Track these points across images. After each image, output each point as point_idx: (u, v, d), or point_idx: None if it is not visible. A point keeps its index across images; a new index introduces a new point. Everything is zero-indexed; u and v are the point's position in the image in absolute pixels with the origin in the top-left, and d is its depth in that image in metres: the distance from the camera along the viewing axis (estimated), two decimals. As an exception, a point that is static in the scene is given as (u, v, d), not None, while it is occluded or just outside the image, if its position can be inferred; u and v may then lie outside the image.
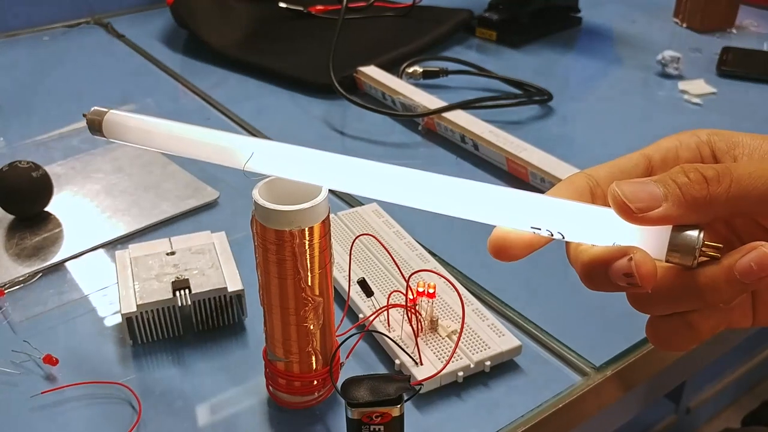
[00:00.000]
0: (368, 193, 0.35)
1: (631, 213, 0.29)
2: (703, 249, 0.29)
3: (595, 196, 0.33)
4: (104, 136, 0.42)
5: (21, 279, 0.56)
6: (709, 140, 0.34)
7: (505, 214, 0.32)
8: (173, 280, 0.50)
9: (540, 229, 0.31)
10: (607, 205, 0.31)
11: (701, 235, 0.29)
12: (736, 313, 0.33)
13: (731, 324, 0.32)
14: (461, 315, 0.48)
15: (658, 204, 0.29)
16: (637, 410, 0.54)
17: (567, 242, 0.33)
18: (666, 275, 0.30)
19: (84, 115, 0.43)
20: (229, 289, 0.50)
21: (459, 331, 0.47)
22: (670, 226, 0.30)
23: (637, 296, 0.32)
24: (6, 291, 0.54)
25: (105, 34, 1.08)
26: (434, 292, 0.47)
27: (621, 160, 0.35)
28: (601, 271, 0.30)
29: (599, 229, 0.31)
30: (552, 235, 0.31)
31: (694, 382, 1.18)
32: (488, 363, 0.47)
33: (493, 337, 0.48)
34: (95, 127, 0.42)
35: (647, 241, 0.30)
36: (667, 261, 0.30)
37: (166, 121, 0.40)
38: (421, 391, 0.45)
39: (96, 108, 0.41)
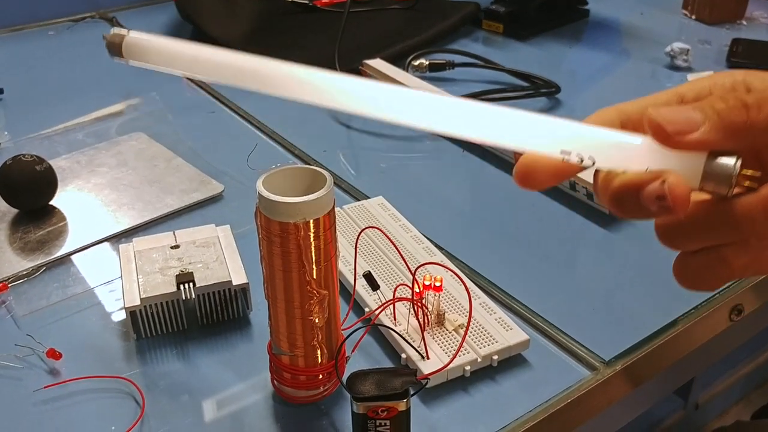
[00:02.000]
0: (403, 119, 0.33)
1: (667, 136, 0.28)
2: (739, 178, 0.28)
3: (626, 129, 0.32)
4: (124, 58, 0.41)
5: (25, 273, 0.55)
6: (745, 79, 0.33)
7: (534, 137, 0.30)
8: (177, 273, 0.49)
9: (570, 153, 0.30)
10: None
11: (738, 162, 0.28)
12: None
13: (762, 266, 0.31)
14: (468, 308, 0.47)
15: (695, 128, 0.28)
16: (646, 406, 0.53)
17: (596, 173, 0.31)
18: (699, 205, 0.29)
19: (104, 37, 0.41)
20: (234, 283, 0.49)
21: (466, 324, 0.47)
22: (705, 154, 0.29)
23: (667, 229, 0.31)
24: (10, 285, 0.54)
25: (110, 28, 1.07)
26: (441, 285, 0.47)
27: (652, 96, 0.33)
28: (633, 196, 0.29)
29: (632, 156, 0.29)
30: (582, 161, 0.30)
31: (703, 377, 1.17)
32: (496, 357, 0.46)
33: (501, 331, 0.47)
34: (115, 48, 0.40)
35: (681, 168, 0.29)
36: (701, 189, 0.29)
37: (190, 44, 0.39)
38: (427, 386, 0.44)
39: (116, 29, 0.40)
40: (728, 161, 0.28)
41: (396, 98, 0.33)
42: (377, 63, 0.86)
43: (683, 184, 0.28)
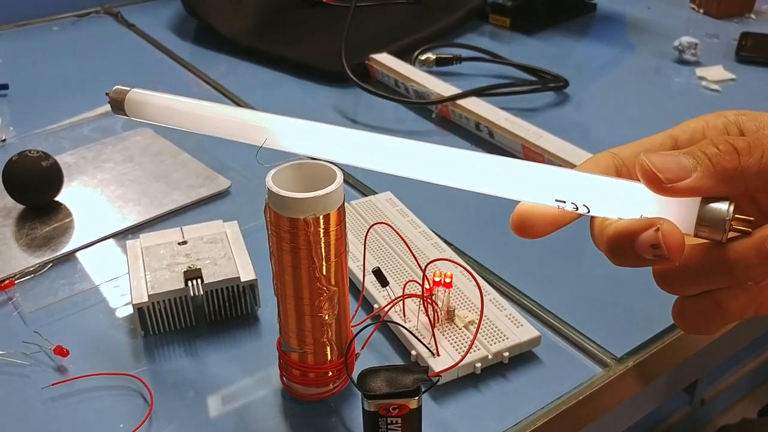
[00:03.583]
0: (390, 169, 0.34)
1: (659, 183, 0.28)
2: (733, 223, 0.28)
3: (621, 174, 0.32)
4: (127, 115, 0.41)
5: (31, 269, 0.55)
6: (737, 120, 0.33)
7: (528, 187, 0.31)
8: (185, 269, 0.49)
9: (565, 202, 0.30)
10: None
11: (731, 207, 0.28)
12: (766, 294, 0.31)
13: (761, 307, 0.31)
14: (479, 305, 0.47)
15: (687, 175, 0.28)
16: (657, 403, 0.53)
17: (591, 219, 0.32)
18: (694, 251, 0.29)
19: (107, 94, 0.42)
20: (242, 279, 0.49)
21: (478, 321, 0.46)
22: (699, 200, 0.29)
23: (664, 274, 0.31)
24: (16, 281, 0.54)
25: (115, 23, 1.07)
26: (451, 281, 0.46)
27: (646, 140, 0.34)
28: (628, 244, 0.29)
29: (625, 203, 0.30)
30: (577, 209, 0.30)
31: (709, 373, 1.16)
32: (506, 354, 0.46)
33: (512, 328, 0.47)
34: (118, 105, 0.41)
35: (675, 215, 0.29)
36: (696, 235, 0.29)
37: (191, 100, 0.39)
38: (438, 383, 0.44)
39: (118, 87, 0.41)
40: (721, 207, 0.28)
41: (386, 149, 0.34)
42: (384, 57, 0.85)
43: (677, 231, 0.28)
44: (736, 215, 0.28)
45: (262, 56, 0.93)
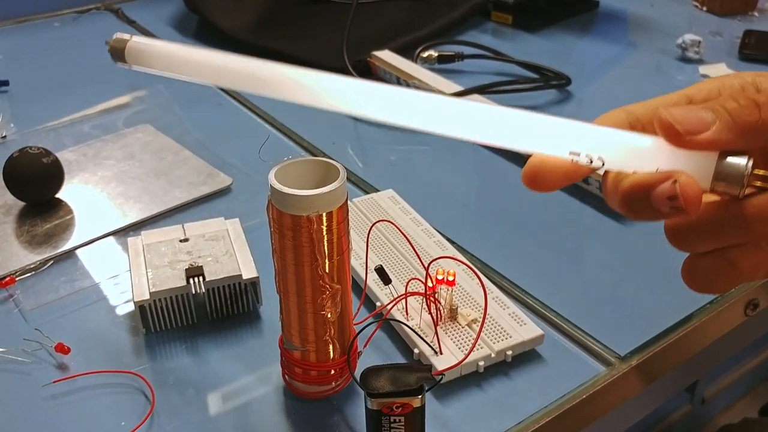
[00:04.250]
0: (398, 119, 0.32)
1: (678, 136, 0.28)
2: (751, 178, 0.28)
3: (635, 131, 0.32)
4: (127, 64, 0.40)
5: (32, 266, 0.55)
6: (755, 81, 0.33)
7: (542, 139, 0.30)
8: (187, 267, 0.49)
9: (579, 155, 0.29)
10: None
11: (750, 162, 0.28)
12: None
13: None
14: (482, 303, 0.47)
15: (706, 127, 0.28)
16: (660, 402, 0.52)
17: (604, 176, 0.31)
18: (710, 206, 0.29)
19: (106, 42, 0.41)
20: (244, 277, 0.48)
21: (481, 319, 0.46)
22: (716, 154, 0.28)
23: (677, 230, 0.30)
24: (17, 278, 0.53)
25: (116, 19, 1.07)
26: (454, 279, 0.46)
27: (661, 98, 0.33)
28: (643, 197, 0.28)
29: (642, 156, 0.29)
30: (591, 162, 0.29)
31: (709, 372, 1.16)
32: (509, 353, 0.46)
33: (515, 326, 0.47)
34: (118, 54, 0.40)
35: (692, 169, 0.28)
36: (712, 190, 0.28)
37: (193, 48, 0.38)
38: (441, 381, 0.44)
39: (118, 34, 0.39)
40: (740, 161, 0.28)
41: (397, 100, 0.32)
42: (385, 54, 0.85)
43: (695, 183, 0.28)
44: (754, 171, 0.28)
45: (264, 53, 0.92)
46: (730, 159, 0.28)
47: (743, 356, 1.25)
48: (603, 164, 0.29)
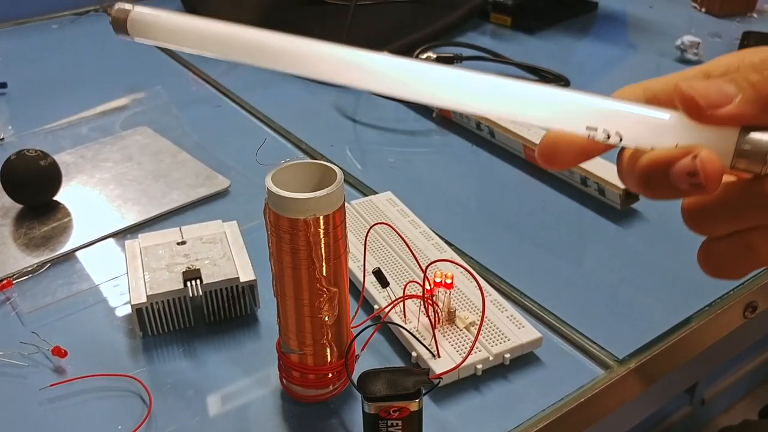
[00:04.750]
0: (423, 98, 0.32)
1: (699, 110, 0.27)
2: None
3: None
4: (129, 35, 0.39)
5: (29, 269, 0.55)
6: None
7: (558, 113, 0.29)
8: (184, 270, 0.49)
9: (596, 130, 0.28)
10: None
11: None
12: None
13: None
14: (480, 306, 0.47)
15: (729, 101, 0.27)
16: (659, 404, 0.52)
17: (619, 154, 0.30)
18: (730, 185, 0.28)
19: (108, 12, 0.40)
20: (242, 280, 0.48)
21: (479, 322, 0.46)
22: (737, 130, 0.27)
23: (694, 211, 0.29)
24: (14, 281, 0.53)
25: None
26: (452, 282, 0.46)
27: (680, 73, 0.32)
28: (662, 174, 0.27)
29: (660, 131, 0.28)
30: (609, 137, 0.28)
31: (709, 373, 1.16)
32: (508, 355, 0.45)
33: (513, 329, 0.46)
34: (120, 25, 0.39)
35: (712, 145, 0.27)
36: (732, 168, 0.27)
37: (200, 19, 0.37)
38: (439, 385, 0.44)
39: (120, 4, 0.38)
40: (763, 136, 0.27)
41: (410, 72, 0.32)
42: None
43: (715, 158, 0.26)
44: None
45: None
46: (753, 134, 0.27)
47: (743, 358, 1.24)
48: (621, 140, 0.28)
